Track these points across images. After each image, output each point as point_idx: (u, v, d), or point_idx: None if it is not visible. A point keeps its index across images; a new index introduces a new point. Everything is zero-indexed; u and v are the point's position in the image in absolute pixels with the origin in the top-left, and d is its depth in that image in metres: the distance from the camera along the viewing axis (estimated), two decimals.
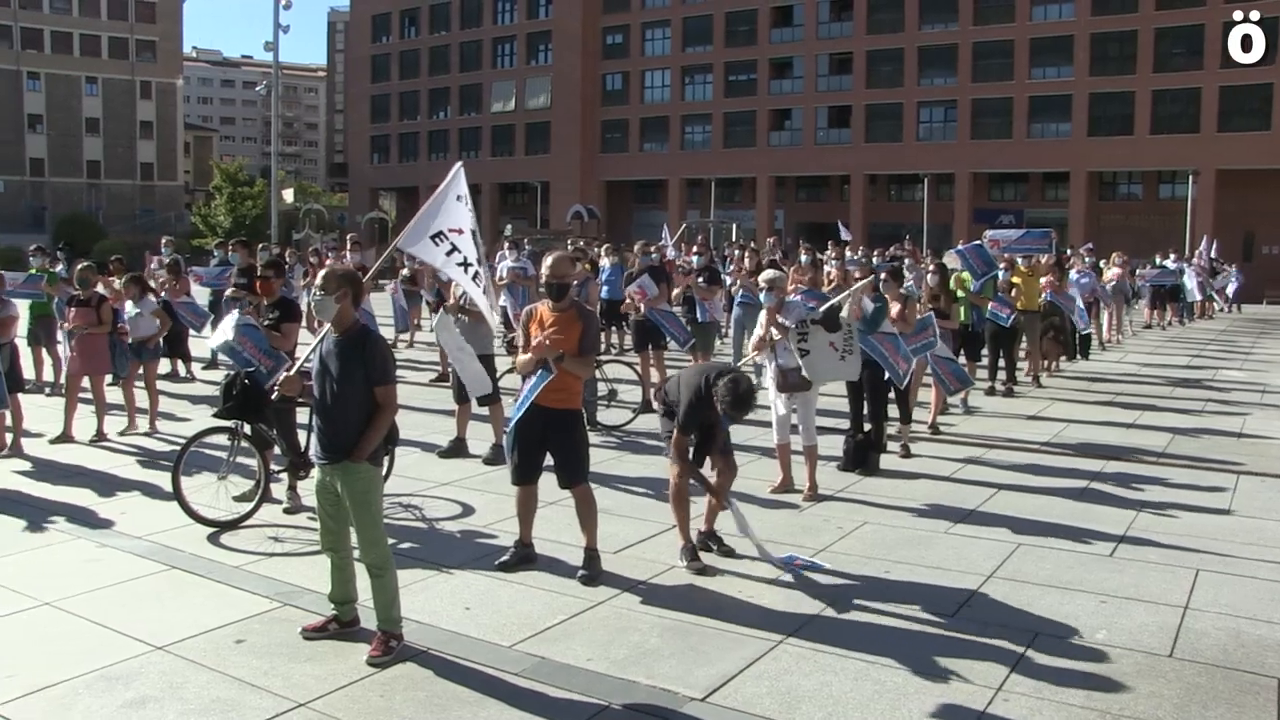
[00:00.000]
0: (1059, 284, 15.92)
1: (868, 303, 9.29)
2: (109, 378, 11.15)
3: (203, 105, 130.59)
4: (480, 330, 9.63)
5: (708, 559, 6.77)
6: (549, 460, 6.57)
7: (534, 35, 72.63)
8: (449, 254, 7.04)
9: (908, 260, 21.40)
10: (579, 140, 69.79)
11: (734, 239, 41.73)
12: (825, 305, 8.56)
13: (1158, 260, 29.40)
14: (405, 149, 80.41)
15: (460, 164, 7.58)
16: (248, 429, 7.80)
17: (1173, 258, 28.95)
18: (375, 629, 5.37)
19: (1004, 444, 10.91)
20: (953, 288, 12.99)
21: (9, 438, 9.95)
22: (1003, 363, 14.48)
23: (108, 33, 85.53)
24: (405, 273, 17.47)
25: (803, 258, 16.42)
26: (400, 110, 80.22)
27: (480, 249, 7.29)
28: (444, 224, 7.06)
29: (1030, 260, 15.62)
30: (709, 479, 6.88)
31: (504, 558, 6.68)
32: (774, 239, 36.05)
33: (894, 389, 9.78)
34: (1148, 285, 27.01)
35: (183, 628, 5.57)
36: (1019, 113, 56.59)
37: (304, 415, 7.87)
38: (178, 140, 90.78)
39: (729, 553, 6.92)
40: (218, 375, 12.31)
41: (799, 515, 8.04)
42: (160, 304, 12.09)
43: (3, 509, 7.99)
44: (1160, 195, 55.72)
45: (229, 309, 9.91)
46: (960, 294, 13.24)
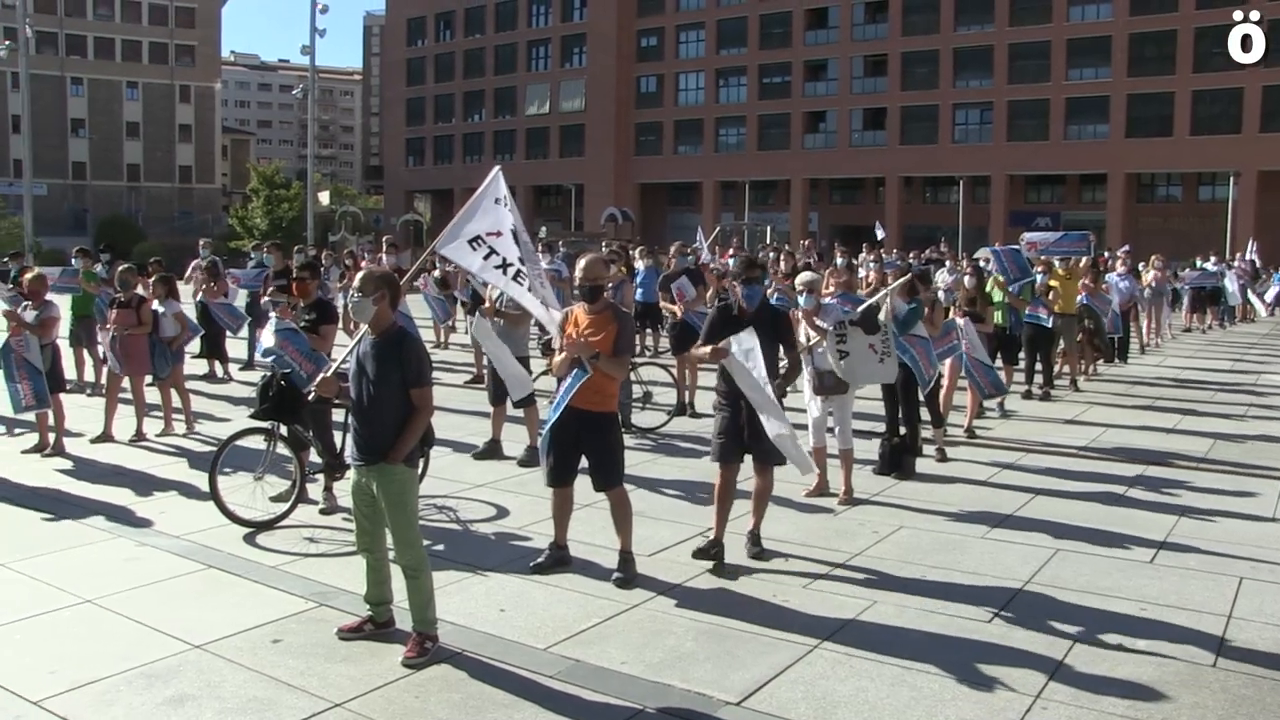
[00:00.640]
0: (1094, 286, 15.75)
1: (901, 303, 9.22)
2: (148, 378, 11.28)
3: (240, 109, 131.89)
4: (517, 333, 9.68)
5: (742, 560, 6.78)
6: (584, 463, 6.57)
7: (568, 38, 72.85)
8: (486, 258, 7.08)
9: (947, 263, 21.19)
10: (613, 143, 69.92)
11: (768, 242, 41.63)
12: (863, 306, 8.52)
13: (1198, 262, 28.99)
14: (440, 152, 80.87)
15: (498, 168, 7.63)
16: (284, 430, 7.84)
17: (1213, 260, 28.53)
18: (410, 630, 5.38)
19: (1041, 448, 10.78)
20: (989, 289, 12.89)
21: (51, 437, 10.11)
22: (1039, 366, 14.33)
23: (148, 38, 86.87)
24: (437, 274, 17.48)
25: (838, 260, 16.34)
26: (435, 113, 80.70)
27: (524, 246, 7.29)
28: (481, 228, 7.09)
29: (1068, 263, 15.46)
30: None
31: (539, 560, 6.69)
32: (808, 241, 35.95)
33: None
34: (1188, 288, 26.64)
35: (220, 627, 5.62)
36: (1055, 114, 56.10)
37: (339, 416, 7.96)
38: (216, 143, 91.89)
39: (764, 555, 6.90)
40: (255, 376, 12.40)
41: (834, 519, 8.00)
42: (197, 305, 12.21)
43: (45, 507, 8.10)
44: (1200, 197, 55.06)
45: (270, 312, 9.97)
46: (996, 297, 13.12)
